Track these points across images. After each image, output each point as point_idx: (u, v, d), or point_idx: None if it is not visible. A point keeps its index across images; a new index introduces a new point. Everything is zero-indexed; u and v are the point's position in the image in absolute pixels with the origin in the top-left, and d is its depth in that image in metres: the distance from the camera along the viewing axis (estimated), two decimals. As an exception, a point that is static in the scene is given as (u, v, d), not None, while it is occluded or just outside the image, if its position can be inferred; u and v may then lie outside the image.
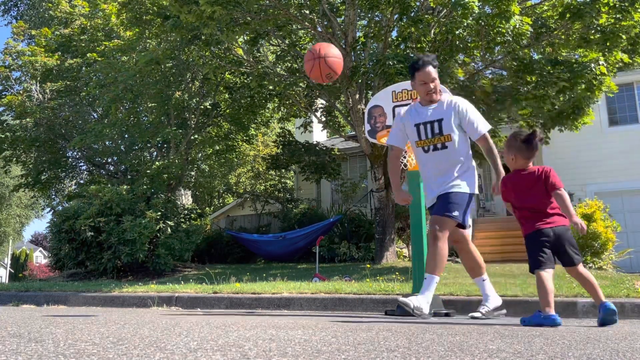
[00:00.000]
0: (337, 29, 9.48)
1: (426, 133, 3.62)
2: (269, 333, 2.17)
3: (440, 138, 3.59)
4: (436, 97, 3.64)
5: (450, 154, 3.59)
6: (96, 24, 13.06)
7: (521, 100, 8.13)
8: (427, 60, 3.62)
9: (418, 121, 3.65)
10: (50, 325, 2.40)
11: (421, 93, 3.66)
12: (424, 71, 3.58)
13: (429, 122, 3.62)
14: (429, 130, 3.61)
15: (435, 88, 3.61)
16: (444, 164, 3.59)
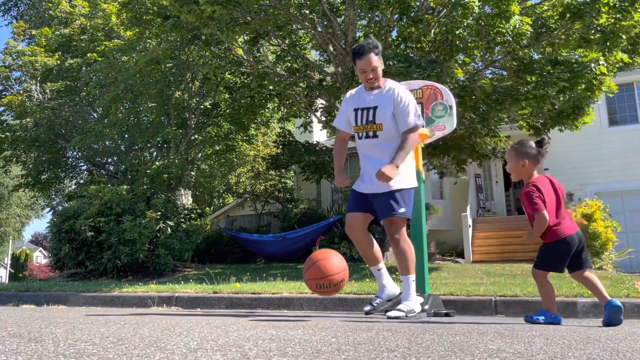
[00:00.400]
0: (337, 29, 9.49)
1: (361, 119, 3.58)
2: (269, 333, 2.17)
3: (372, 126, 3.53)
4: (377, 84, 3.57)
5: (380, 144, 3.52)
6: (96, 24, 13.06)
7: (521, 100, 8.14)
8: (368, 48, 3.55)
9: (357, 106, 3.61)
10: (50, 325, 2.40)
11: (362, 80, 3.61)
12: (364, 59, 3.52)
13: (365, 108, 3.57)
14: (364, 116, 3.56)
15: (375, 77, 3.55)
16: (375, 152, 3.54)
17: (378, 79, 3.57)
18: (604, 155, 13.27)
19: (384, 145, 3.51)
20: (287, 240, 11.57)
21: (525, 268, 8.51)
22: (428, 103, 4.34)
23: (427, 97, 4.35)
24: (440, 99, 4.32)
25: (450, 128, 4.30)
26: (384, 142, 3.51)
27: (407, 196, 3.50)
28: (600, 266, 9.84)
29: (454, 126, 4.30)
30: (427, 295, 3.92)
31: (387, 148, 3.50)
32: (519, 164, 3.22)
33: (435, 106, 4.32)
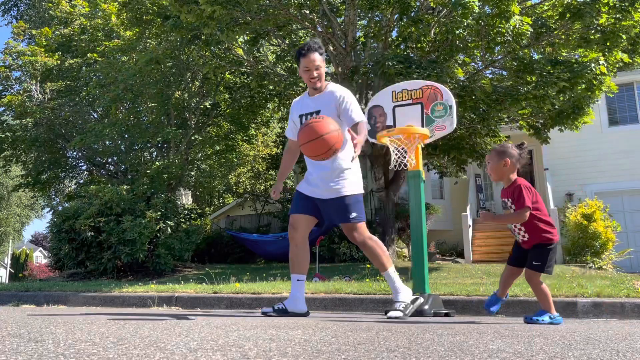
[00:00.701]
0: (337, 29, 9.49)
1: None
2: (269, 333, 2.17)
3: None
4: (320, 84, 3.56)
5: None
6: (96, 24, 13.06)
7: (521, 100, 8.14)
8: (313, 47, 3.51)
9: (301, 112, 3.62)
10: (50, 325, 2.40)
11: (305, 80, 3.58)
12: (309, 57, 3.48)
13: (309, 113, 3.57)
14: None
15: (319, 76, 3.52)
16: None
17: (321, 79, 3.56)
18: (604, 155, 13.27)
19: None
20: (286, 240, 11.49)
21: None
22: (428, 103, 4.34)
23: (427, 97, 4.35)
24: (440, 98, 4.32)
25: (450, 128, 4.30)
26: None
27: (356, 201, 3.52)
28: (600, 266, 9.83)
29: (454, 126, 4.31)
30: (427, 295, 3.92)
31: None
32: (501, 164, 3.23)
33: (435, 106, 4.32)
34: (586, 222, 10.25)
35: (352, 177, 3.54)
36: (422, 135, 4.11)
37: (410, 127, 4.13)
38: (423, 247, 4.10)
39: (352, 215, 3.48)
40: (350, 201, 3.49)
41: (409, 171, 4.20)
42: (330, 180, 3.51)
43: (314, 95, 3.61)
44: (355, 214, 3.50)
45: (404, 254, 11.62)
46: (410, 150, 4.11)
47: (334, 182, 3.51)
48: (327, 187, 3.53)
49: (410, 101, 4.41)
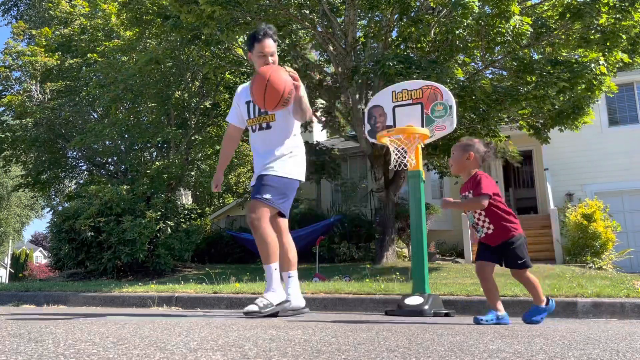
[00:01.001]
0: (337, 29, 9.49)
1: (254, 111, 3.52)
2: (269, 333, 2.17)
3: (265, 117, 3.48)
4: None
5: (273, 135, 3.47)
6: (96, 24, 13.06)
7: (521, 100, 8.14)
8: (268, 32, 3.45)
9: (249, 99, 3.53)
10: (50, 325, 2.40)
11: (258, 66, 3.47)
12: (264, 43, 3.42)
13: None
14: (257, 108, 3.49)
15: (274, 62, 3.46)
16: (267, 144, 3.48)
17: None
18: (604, 155, 13.27)
19: (275, 137, 3.45)
20: (286, 240, 11.55)
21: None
22: (428, 103, 4.34)
23: (427, 97, 4.35)
24: (440, 98, 4.32)
25: (450, 128, 4.30)
26: (276, 135, 3.45)
27: (281, 184, 3.37)
28: (600, 266, 9.83)
29: (453, 126, 4.31)
30: (427, 295, 3.92)
31: (277, 141, 3.43)
32: (464, 156, 3.19)
33: (435, 106, 4.32)
34: (586, 222, 10.25)
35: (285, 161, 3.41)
36: (422, 135, 4.11)
37: (410, 127, 4.13)
38: (423, 247, 4.09)
39: (261, 193, 3.32)
40: (269, 180, 3.34)
41: (409, 171, 4.21)
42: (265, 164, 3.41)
43: None
44: (264, 193, 3.32)
45: (404, 254, 11.63)
46: (410, 150, 4.11)
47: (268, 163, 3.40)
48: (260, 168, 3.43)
49: (410, 101, 4.41)
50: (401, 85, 4.55)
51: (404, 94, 4.45)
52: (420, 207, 4.14)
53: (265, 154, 3.46)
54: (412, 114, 4.35)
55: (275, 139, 3.46)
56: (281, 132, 3.47)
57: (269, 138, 3.49)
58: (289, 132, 3.50)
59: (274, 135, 3.47)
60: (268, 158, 3.43)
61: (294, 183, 3.47)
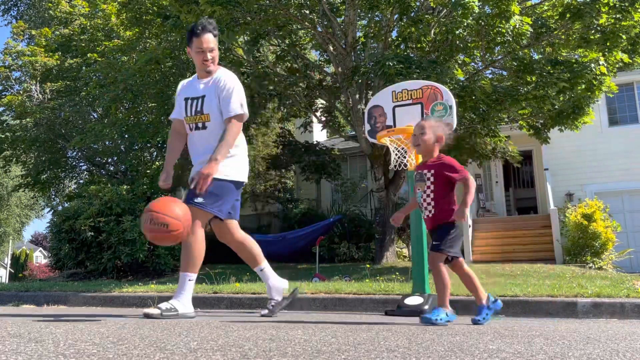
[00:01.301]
0: (337, 29, 9.49)
1: (191, 109, 3.39)
2: (269, 333, 2.17)
3: (201, 117, 3.35)
4: (212, 67, 3.38)
5: (209, 135, 3.32)
6: (96, 24, 13.06)
7: (521, 100, 8.14)
8: (206, 27, 3.33)
9: (187, 95, 3.43)
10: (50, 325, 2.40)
11: (197, 62, 3.38)
12: (202, 38, 3.30)
13: (195, 98, 3.38)
14: (194, 106, 3.37)
15: (212, 59, 3.35)
16: (203, 145, 3.34)
17: (215, 62, 3.39)
18: (604, 155, 13.26)
19: (212, 137, 3.30)
20: (286, 240, 11.57)
21: (525, 268, 8.51)
22: (428, 103, 4.35)
23: (427, 97, 4.36)
24: (440, 98, 4.32)
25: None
26: (212, 135, 3.31)
27: (217, 187, 3.22)
28: (600, 266, 9.83)
29: (454, 126, 4.31)
30: (427, 295, 3.92)
31: (214, 141, 3.29)
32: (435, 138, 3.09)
33: (435, 106, 4.32)
34: (586, 222, 10.25)
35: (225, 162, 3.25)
36: None
37: (410, 127, 4.13)
38: (423, 247, 4.10)
39: (193, 196, 3.17)
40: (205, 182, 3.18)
41: (409, 171, 4.21)
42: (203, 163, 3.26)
43: (204, 78, 3.41)
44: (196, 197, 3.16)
45: (404, 254, 11.63)
46: (411, 150, 4.11)
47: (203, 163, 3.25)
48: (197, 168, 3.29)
49: (410, 101, 4.41)
50: (401, 85, 4.56)
51: (404, 94, 4.45)
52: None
53: (203, 154, 3.32)
54: (412, 114, 4.35)
55: (213, 138, 3.31)
56: (217, 133, 3.31)
57: (205, 138, 3.35)
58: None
59: (211, 135, 3.33)
60: (204, 158, 3.28)
61: (230, 185, 3.32)
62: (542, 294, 4.19)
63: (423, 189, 3.06)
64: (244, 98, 3.37)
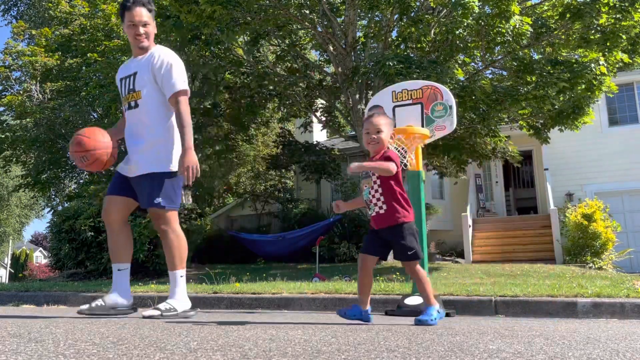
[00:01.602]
0: (337, 29, 9.49)
1: (125, 88, 3.21)
2: (269, 333, 2.17)
3: (132, 94, 3.16)
4: (146, 43, 3.19)
5: (141, 115, 3.14)
6: (96, 24, 13.05)
7: (521, 100, 8.14)
8: (140, 0, 3.16)
9: (122, 75, 3.26)
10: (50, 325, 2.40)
11: (130, 37, 3.21)
12: (134, 11, 3.14)
13: (127, 77, 3.21)
14: (127, 85, 3.20)
15: (146, 34, 3.17)
16: (137, 126, 3.16)
17: (149, 38, 3.21)
18: (604, 155, 13.27)
19: (143, 117, 3.13)
20: (286, 240, 11.57)
21: (525, 268, 8.51)
22: (428, 103, 4.35)
23: (427, 97, 4.36)
24: (440, 99, 4.32)
25: (450, 128, 4.30)
26: (144, 114, 3.13)
27: (169, 183, 3.10)
28: (600, 266, 9.83)
29: (453, 126, 4.31)
30: (427, 295, 3.92)
31: (147, 122, 3.13)
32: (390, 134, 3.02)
33: (435, 106, 4.32)
34: (586, 222, 10.25)
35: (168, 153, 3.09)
36: (422, 135, 4.12)
37: (410, 127, 4.13)
38: (423, 247, 4.09)
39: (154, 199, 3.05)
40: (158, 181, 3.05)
41: (409, 171, 4.21)
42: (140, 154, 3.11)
43: (138, 56, 3.22)
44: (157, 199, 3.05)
45: (404, 254, 11.62)
46: (410, 150, 4.11)
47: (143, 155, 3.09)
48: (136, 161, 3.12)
49: (410, 101, 4.41)
50: (401, 85, 4.56)
51: (404, 94, 4.45)
52: (420, 207, 4.14)
53: (138, 138, 3.15)
54: (412, 114, 4.36)
55: (146, 118, 3.14)
56: (150, 112, 3.13)
57: (137, 117, 3.16)
58: (160, 112, 3.15)
59: (143, 114, 3.14)
60: (142, 144, 3.12)
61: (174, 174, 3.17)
62: (542, 294, 4.19)
63: (370, 185, 2.96)
64: (184, 73, 3.20)
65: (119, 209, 3.21)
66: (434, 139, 4.43)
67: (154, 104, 3.13)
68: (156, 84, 3.12)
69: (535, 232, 11.96)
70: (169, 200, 3.10)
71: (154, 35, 3.25)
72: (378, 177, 2.93)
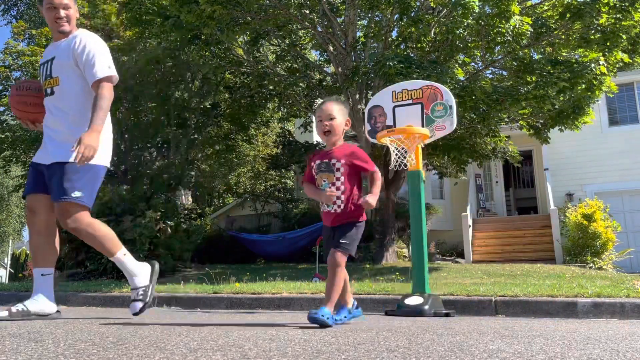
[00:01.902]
0: (337, 29, 9.49)
1: (43, 74, 3.03)
2: (269, 333, 2.17)
3: (50, 81, 2.97)
4: (67, 27, 3.01)
5: (58, 102, 2.94)
6: (96, 24, 13.05)
7: (521, 100, 8.14)
8: None
9: (42, 60, 3.09)
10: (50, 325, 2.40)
11: (49, 21, 3.03)
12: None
13: (45, 62, 3.04)
14: (45, 70, 3.02)
15: (67, 17, 3.00)
16: (54, 114, 2.95)
17: (70, 22, 3.03)
18: (604, 155, 13.27)
19: (61, 105, 2.93)
20: (286, 240, 11.57)
21: (525, 268, 8.51)
22: (428, 103, 4.35)
23: (427, 97, 4.36)
24: (441, 98, 4.32)
25: (450, 128, 4.30)
26: (61, 101, 2.93)
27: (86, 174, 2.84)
28: (600, 266, 9.83)
29: (454, 126, 4.31)
30: (427, 295, 3.92)
31: (64, 110, 2.93)
32: (345, 122, 2.84)
33: (435, 106, 4.32)
34: (586, 222, 10.25)
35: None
36: (422, 135, 4.12)
37: (410, 127, 4.13)
38: (423, 247, 4.09)
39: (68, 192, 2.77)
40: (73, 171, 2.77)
41: (409, 171, 4.21)
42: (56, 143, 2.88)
43: (58, 40, 3.05)
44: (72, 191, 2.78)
45: (404, 254, 11.62)
46: (411, 150, 4.11)
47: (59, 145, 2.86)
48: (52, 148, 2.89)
49: (410, 101, 4.41)
50: (401, 85, 4.56)
51: (404, 94, 4.46)
52: (420, 207, 4.14)
53: (55, 129, 2.94)
54: (412, 114, 4.36)
55: (62, 108, 2.93)
56: (69, 99, 2.94)
57: (54, 105, 2.95)
58: (80, 100, 2.94)
59: (59, 102, 2.93)
60: (60, 135, 2.91)
61: (100, 170, 2.94)
62: (542, 294, 4.18)
63: (331, 180, 2.74)
64: (110, 59, 3.01)
65: (45, 208, 2.93)
66: (434, 138, 4.43)
67: (73, 91, 2.94)
68: (78, 69, 2.93)
69: (535, 232, 11.96)
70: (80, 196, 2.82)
71: (75, 19, 3.07)
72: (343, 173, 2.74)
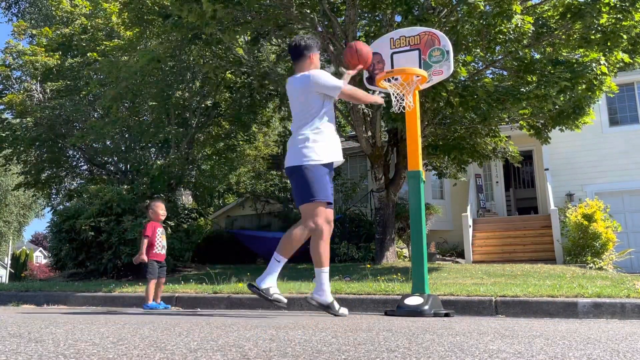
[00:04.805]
0: (338, 29, 9.48)
1: None
2: (269, 333, 2.17)
3: None
4: None
5: None
6: (97, 24, 13.06)
7: (522, 100, 8.13)
8: None
9: None
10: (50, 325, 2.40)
11: None
12: None
13: None
14: None
15: None
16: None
17: None
18: (604, 155, 13.27)
19: None
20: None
21: (526, 268, 8.51)
22: (425, 49, 4.36)
23: (424, 43, 4.38)
24: (438, 44, 4.34)
25: (447, 73, 4.31)
26: None
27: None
28: (600, 266, 9.83)
29: (450, 70, 4.31)
30: (427, 295, 3.92)
31: None
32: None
33: (433, 51, 4.34)
34: (586, 222, 10.25)
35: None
36: (421, 77, 4.13)
37: (409, 68, 4.17)
38: (423, 247, 4.09)
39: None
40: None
41: (409, 171, 4.20)
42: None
43: None
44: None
45: (404, 254, 11.62)
46: (409, 93, 4.13)
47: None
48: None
49: (407, 47, 4.43)
50: (399, 32, 4.58)
51: (401, 41, 4.48)
52: (420, 207, 4.13)
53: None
54: (410, 59, 4.37)
55: None
56: None
57: None
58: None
59: None
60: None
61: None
62: (542, 294, 4.18)
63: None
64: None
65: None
66: (432, 83, 4.43)
67: None
68: None
69: (535, 232, 11.96)
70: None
71: None
72: None
